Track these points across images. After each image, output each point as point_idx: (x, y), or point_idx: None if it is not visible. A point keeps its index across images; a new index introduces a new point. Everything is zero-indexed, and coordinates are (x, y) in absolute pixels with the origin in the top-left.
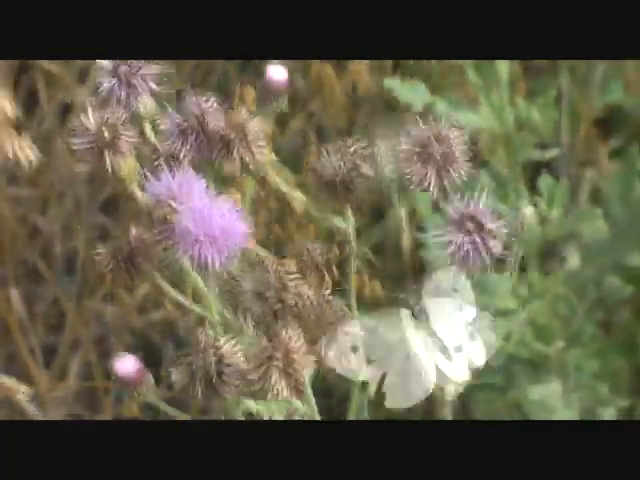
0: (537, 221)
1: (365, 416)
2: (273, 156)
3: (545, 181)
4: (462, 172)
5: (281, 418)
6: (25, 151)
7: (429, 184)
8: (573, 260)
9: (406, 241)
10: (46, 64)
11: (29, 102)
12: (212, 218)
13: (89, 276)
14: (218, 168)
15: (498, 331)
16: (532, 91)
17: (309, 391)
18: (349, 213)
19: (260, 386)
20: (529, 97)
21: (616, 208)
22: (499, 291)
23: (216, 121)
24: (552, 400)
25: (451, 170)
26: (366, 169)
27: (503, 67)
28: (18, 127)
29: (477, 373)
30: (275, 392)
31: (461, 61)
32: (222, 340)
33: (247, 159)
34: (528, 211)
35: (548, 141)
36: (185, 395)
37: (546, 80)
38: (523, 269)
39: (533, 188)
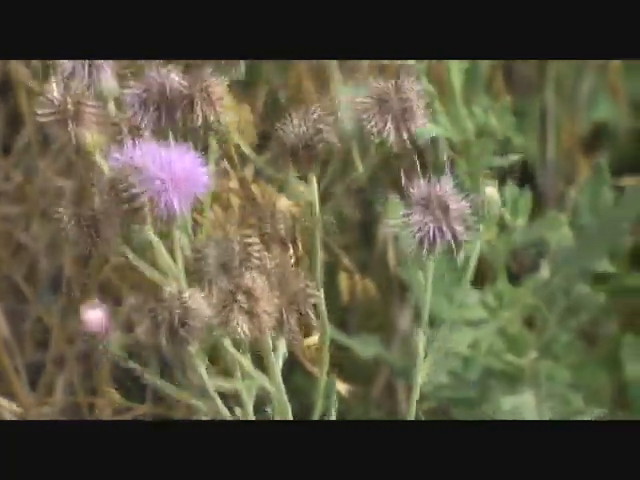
0: (498, 199)
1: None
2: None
3: (509, 190)
4: (420, 125)
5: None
6: None
7: (388, 134)
8: (544, 269)
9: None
10: (28, 81)
11: (12, 120)
12: (174, 162)
13: (74, 293)
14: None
15: (465, 340)
16: (516, 107)
17: (277, 371)
18: (313, 182)
19: (222, 325)
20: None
21: (585, 216)
22: (467, 302)
23: (178, 86)
24: (524, 411)
25: (409, 122)
26: (329, 134)
27: (455, 75)
28: None
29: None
30: (236, 327)
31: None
32: (187, 292)
33: (209, 115)
34: (489, 190)
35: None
36: (150, 343)
37: (531, 95)
38: (492, 279)
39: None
